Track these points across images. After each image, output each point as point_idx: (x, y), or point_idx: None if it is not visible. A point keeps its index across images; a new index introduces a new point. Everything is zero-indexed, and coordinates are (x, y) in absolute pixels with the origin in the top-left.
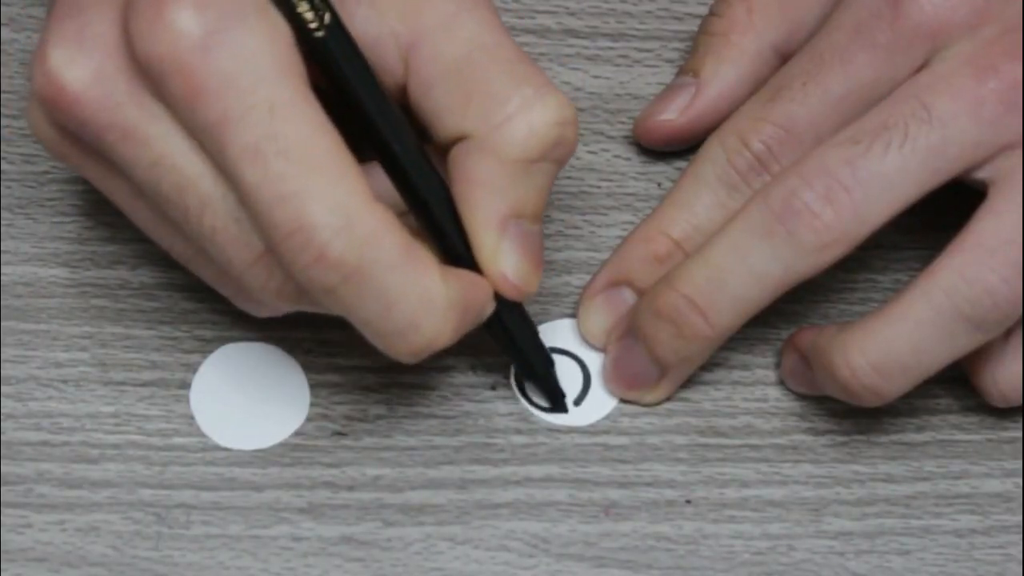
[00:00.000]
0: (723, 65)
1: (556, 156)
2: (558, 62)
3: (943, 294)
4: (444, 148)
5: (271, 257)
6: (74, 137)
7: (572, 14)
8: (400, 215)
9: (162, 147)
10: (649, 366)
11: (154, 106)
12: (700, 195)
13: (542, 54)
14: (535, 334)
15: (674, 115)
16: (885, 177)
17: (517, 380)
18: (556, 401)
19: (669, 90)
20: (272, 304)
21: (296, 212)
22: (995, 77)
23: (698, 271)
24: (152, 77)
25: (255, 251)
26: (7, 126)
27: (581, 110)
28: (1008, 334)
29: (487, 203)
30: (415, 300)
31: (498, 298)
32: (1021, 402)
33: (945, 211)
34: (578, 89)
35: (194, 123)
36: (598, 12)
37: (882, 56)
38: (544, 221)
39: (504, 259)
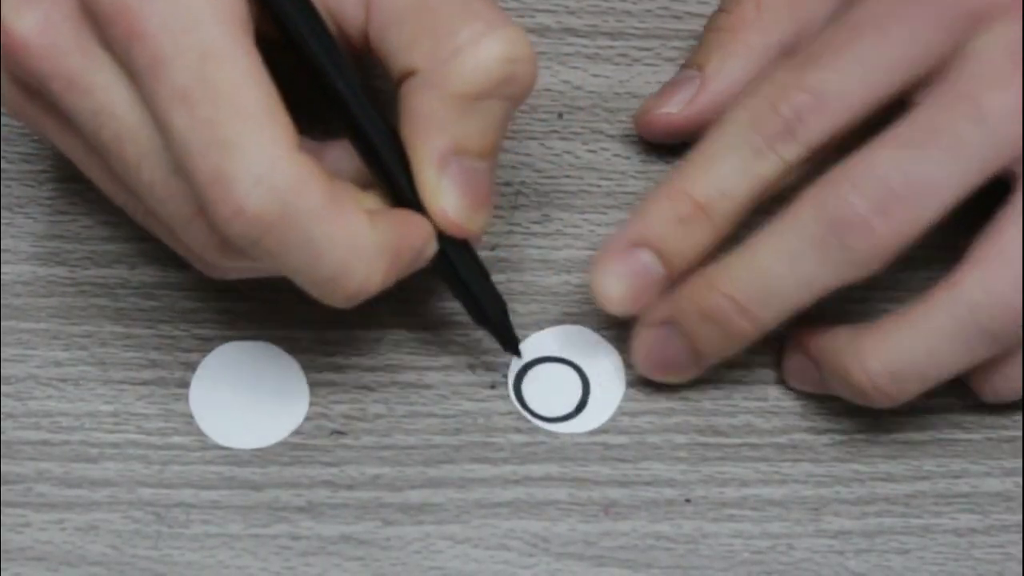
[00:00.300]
0: (729, 60)
1: (506, 93)
2: (557, 61)
3: (965, 307)
4: (398, 87)
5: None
6: (29, 90)
7: (571, 13)
8: (364, 188)
9: (104, 96)
10: (687, 356)
11: (99, 54)
12: (725, 157)
13: (542, 52)
14: (486, 276)
15: (676, 108)
16: (938, 181)
17: (516, 384)
18: (510, 346)
19: (672, 83)
20: (217, 262)
21: (217, 161)
22: None
23: (745, 273)
24: (95, 19)
25: (193, 206)
26: (6, 125)
27: (580, 109)
28: None
29: (429, 139)
30: (342, 247)
31: (444, 238)
32: (1015, 399)
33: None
34: (578, 88)
35: (131, 65)
36: (598, 11)
37: (920, 30)
38: (544, 220)
39: (444, 195)
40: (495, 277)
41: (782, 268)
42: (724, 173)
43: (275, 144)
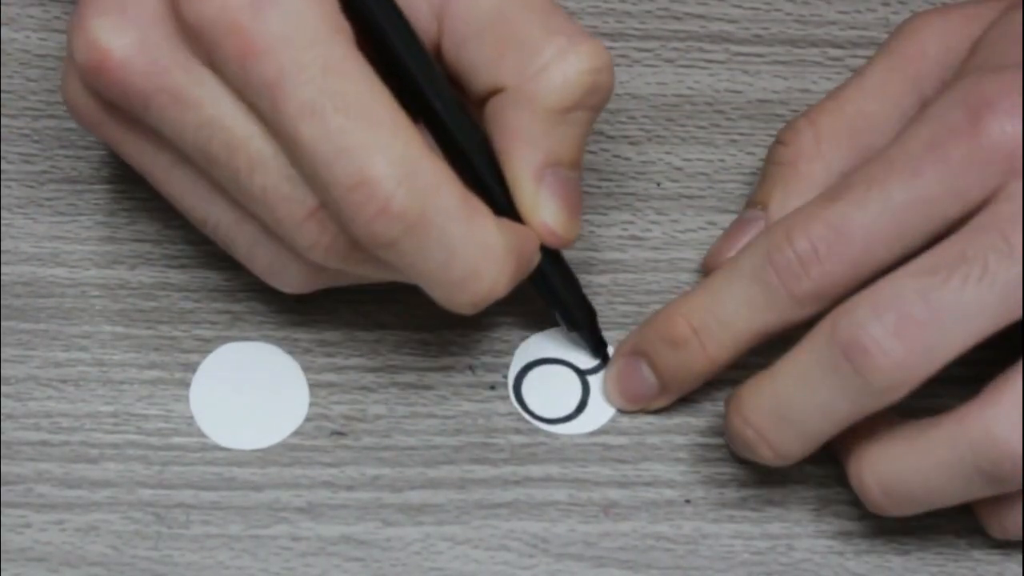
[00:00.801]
0: (792, 197)
1: (592, 103)
2: None
3: (967, 446)
4: (480, 103)
5: (323, 213)
6: (112, 107)
7: (572, 14)
8: None
9: (211, 109)
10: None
11: (200, 70)
12: (731, 287)
13: None
14: (577, 285)
15: None
16: (960, 311)
17: (516, 386)
18: (599, 352)
19: (738, 224)
20: (314, 266)
21: (358, 165)
22: None
23: (764, 401)
24: (202, 41)
25: (307, 207)
26: (7, 126)
27: None
28: None
29: (524, 153)
30: (475, 249)
31: (541, 249)
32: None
33: None
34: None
35: (247, 84)
36: (597, 12)
37: (954, 172)
38: None
39: (543, 207)
40: None
41: (799, 394)
42: (726, 303)
43: (411, 146)
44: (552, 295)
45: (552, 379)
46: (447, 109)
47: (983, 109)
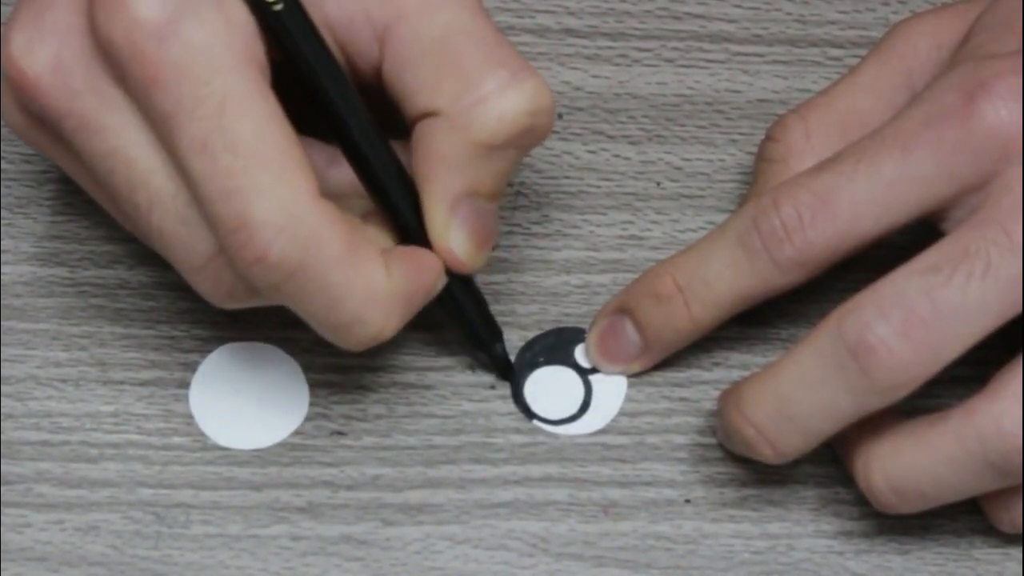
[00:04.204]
0: None
1: (524, 143)
2: (557, 61)
3: (976, 440)
4: (413, 126)
5: (220, 261)
6: (40, 122)
7: (571, 13)
8: (361, 196)
9: (116, 138)
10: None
11: (114, 95)
12: (716, 249)
13: (541, 53)
14: (484, 306)
15: None
16: (965, 308)
17: (518, 387)
18: (506, 373)
19: None
20: (224, 304)
21: (240, 209)
22: None
23: (766, 399)
24: (112, 62)
25: (203, 255)
26: (7, 126)
27: (580, 109)
28: None
29: (444, 179)
30: (359, 295)
31: (447, 271)
32: None
33: None
34: (577, 88)
35: (150, 112)
36: (597, 11)
37: (946, 152)
38: (543, 221)
39: (453, 235)
40: (495, 277)
41: (802, 395)
42: (712, 264)
43: (296, 192)
44: (457, 317)
45: (553, 380)
46: (360, 128)
47: (978, 91)
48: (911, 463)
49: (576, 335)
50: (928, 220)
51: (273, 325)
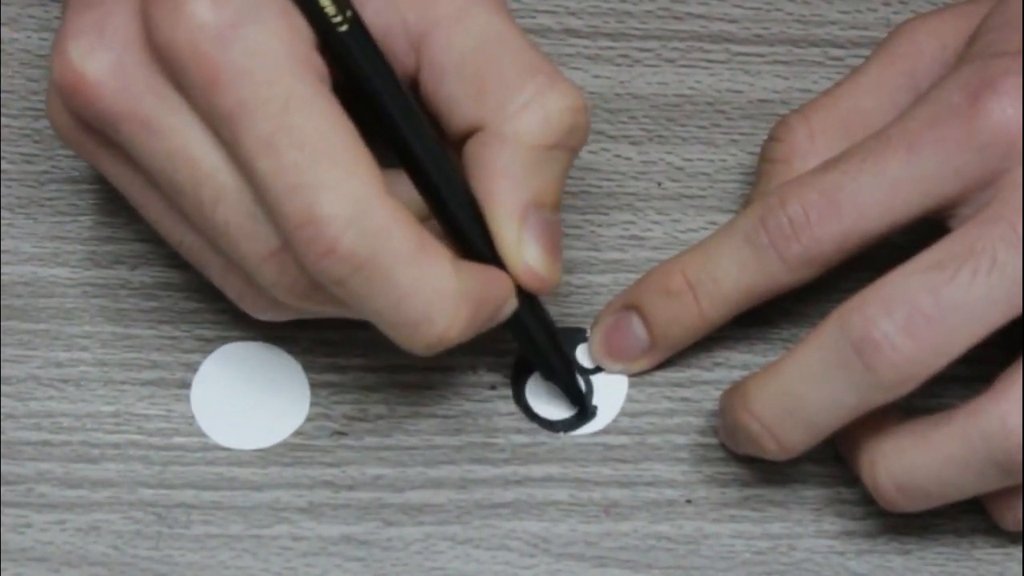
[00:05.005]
0: None
1: (571, 143)
2: (558, 62)
3: (981, 439)
4: (457, 139)
5: (284, 254)
6: (90, 128)
7: (572, 14)
8: (424, 219)
9: (179, 138)
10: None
11: (173, 97)
12: (724, 247)
13: None
14: (554, 333)
15: None
16: (970, 305)
17: (514, 389)
18: (576, 400)
19: None
20: (281, 301)
21: (307, 203)
22: None
23: (771, 395)
24: (171, 66)
25: (269, 246)
26: (7, 126)
27: None
28: None
29: (507, 193)
30: (427, 293)
31: (520, 294)
32: None
33: None
34: (578, 88)
35: (211, 113)
36: (598, 12)
37: (951, 151)
38: None
39: (526, 249)
40: None
41: (807, 390)
42: (720, 260)
43: (365, 187)
44: (528, 343)
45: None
46: (425, 150)
47: (984, 90)
48: (916, 463)
49: (578, 336)
50: (934, 218)
51: (274, 325)
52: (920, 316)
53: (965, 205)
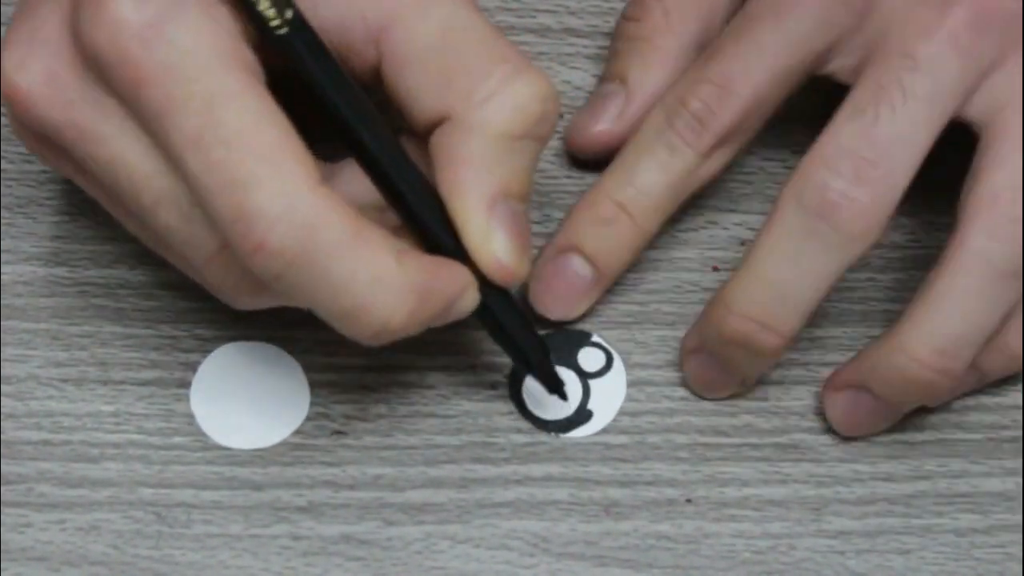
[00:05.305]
0: (650, 69)
1: (539, 132)
2: (559, 61)
3: (979, 259)
4: (423, 131)
5: (227, 254)
6: (42, 137)
7: (572, 13)
8: (381, 211)
9: (116, 144)
10: (728, 377)
11: (107, 103)
12: (642, 157)
13: (542, 53)
14: (527, 322)
15: (609, 124)
16: (902, 136)
17: (513, 389)
18: (555, 389)
19: (598, 99)
20: (237, 298)
21: (237, 200)
22: (957, 5)
23: (756, 290)
24: (98, 68)
25: (211, 247)
26: (7, 126)
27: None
28: None
29: (474, 183)
30: (364, 283)
31: (486, 287)
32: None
33: (944, 211)
34: (579, 88)
35: (140, 113)
36: (598, 11)
37: (815, 8)
38: (543, 221)
39: (495, 241)
40: None
41: (787, 272)
42: (641, 173)
43: (293, 180)
44: (499, 334)
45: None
46: (378, 145)
47: None
48: (941, 319)
49: (582, 338)
50: (823, 75)
51: (274, 325)
52: (864, 163)
53: (843, 55)
